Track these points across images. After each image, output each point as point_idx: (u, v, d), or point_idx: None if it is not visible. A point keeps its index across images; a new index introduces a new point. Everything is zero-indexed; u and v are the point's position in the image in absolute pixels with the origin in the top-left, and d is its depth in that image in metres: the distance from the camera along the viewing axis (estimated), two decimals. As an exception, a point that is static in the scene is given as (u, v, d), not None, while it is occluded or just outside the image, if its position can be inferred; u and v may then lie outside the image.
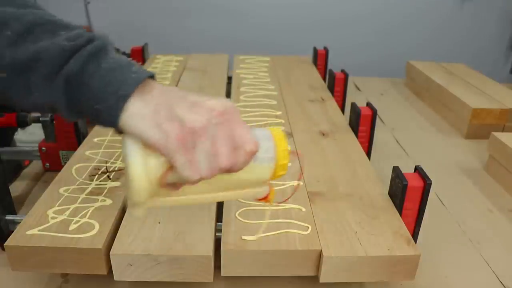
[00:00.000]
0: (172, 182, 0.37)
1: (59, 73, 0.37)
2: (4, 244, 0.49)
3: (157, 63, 1.20)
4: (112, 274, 0.49)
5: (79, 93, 0.37)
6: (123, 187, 0.58)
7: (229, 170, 0.38)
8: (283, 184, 0.62)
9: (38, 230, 0.51)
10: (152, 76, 0.39)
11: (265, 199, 0.43)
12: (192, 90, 0.99)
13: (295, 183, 0.63)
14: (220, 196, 0.43)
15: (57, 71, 0.37)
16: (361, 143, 0.76)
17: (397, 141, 1.02)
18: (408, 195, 0.56)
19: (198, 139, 0.35)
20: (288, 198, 0.55)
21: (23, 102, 0.39)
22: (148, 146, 0.36)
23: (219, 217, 0.56)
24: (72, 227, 0.51)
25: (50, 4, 2.12)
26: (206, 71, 1.13)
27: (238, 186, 0.42)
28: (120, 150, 0.70)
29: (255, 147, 0.38)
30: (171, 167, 0.36)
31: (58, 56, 0.37)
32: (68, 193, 0.58)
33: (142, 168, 0.36)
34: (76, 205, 0.56)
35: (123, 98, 0.36)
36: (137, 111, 0.36)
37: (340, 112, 0.90)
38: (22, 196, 0.75)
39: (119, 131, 0.38)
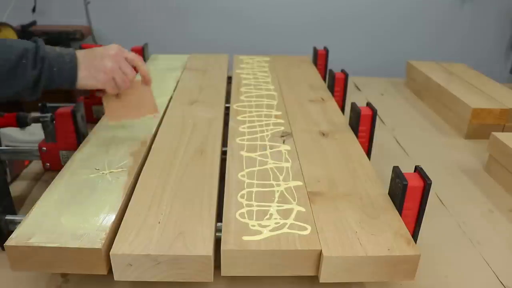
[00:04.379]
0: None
1: (38, 86, 0.63)
2: (4, 244, 0.49)
3: (157, 63, 1.20)
4: (112, 274, 0.49)
5: (49, 86, 0.64)
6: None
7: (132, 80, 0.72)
8: (286, 184, 0.62)
9: (38, 230, 0.51)
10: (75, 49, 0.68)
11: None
12: (192, 90, 0.99)
13: (294, 183, 0.63)
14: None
15: (37, 86, 0.63)
16: (361, 143, 0.76)
17: (397, 141, 1.02)
18: (408, 195, 0.56)
19: (115, 74, 0.68)
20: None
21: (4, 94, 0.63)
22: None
23: (219, 217, 0.56)
24: (72, 227, 0.51)
25: (50, 4, 2.12)
26: (206, 71, 1.13)
27: None
28: (120, 151, 0.70)
29: (138, 57, 0.73)
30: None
31: (35, 81, 0.62)
32: (68, 193, 0.58)
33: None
34: (76, 205, 0.56)
35: (73, 82, 0.66)
36: (81, 79, 0.66)
37: (340, 112, 0.90)
38: (22, 196, 0.75)
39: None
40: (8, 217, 0.59)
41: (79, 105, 0.78)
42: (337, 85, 1.01)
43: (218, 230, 0.54)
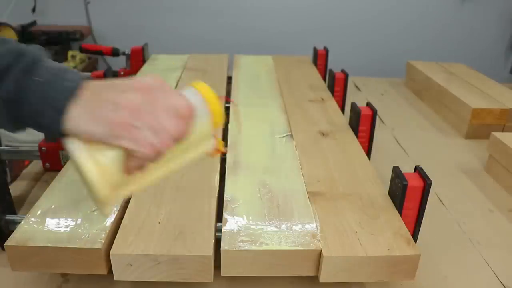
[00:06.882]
0: (137, 165, 0.38)
1: None
2: (4, 244, 0.49)
3: (157, 63, 1.20)
4: (112, 274, 0.49)
5: (20, 109, 0.38)
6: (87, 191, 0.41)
7: (180, 137, 0.39)
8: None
9: (38, 230, 0.51)
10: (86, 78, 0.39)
11: (216, 150, 0.46)
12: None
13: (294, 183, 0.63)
14: (179, 162, 0.44)
15: None
16: (361, 143, 0.76)
17: (397, 141, 1.02)
18: (408, 195, 0.56)
19: (138, 117, 0.37)
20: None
21: None
22: (97, 142, 0.37)
23: (219, 217, 0.56)
24: (72, 227, 0.51)
25: (50, 4, 2.13)
26: (206, 71, 1.13)
27: (190, 148, 0.43)
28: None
29: (191, 109, 0.40)
30: (128, 153, 0.37)
31: None
32: (68, 193, 0.58)
33: (94, 167, 0.36)
34: (76, 205, 0.56)
35: (60, 111, 0.37)
36: (75, 115, 0.37)
37: (340, 112, 0.90)
38: (22, 196, 0.75)
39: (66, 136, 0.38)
40: (8, 217, 0.59)
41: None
42: (337, 85, 1.01)
43: (218, 230, 0.54)
